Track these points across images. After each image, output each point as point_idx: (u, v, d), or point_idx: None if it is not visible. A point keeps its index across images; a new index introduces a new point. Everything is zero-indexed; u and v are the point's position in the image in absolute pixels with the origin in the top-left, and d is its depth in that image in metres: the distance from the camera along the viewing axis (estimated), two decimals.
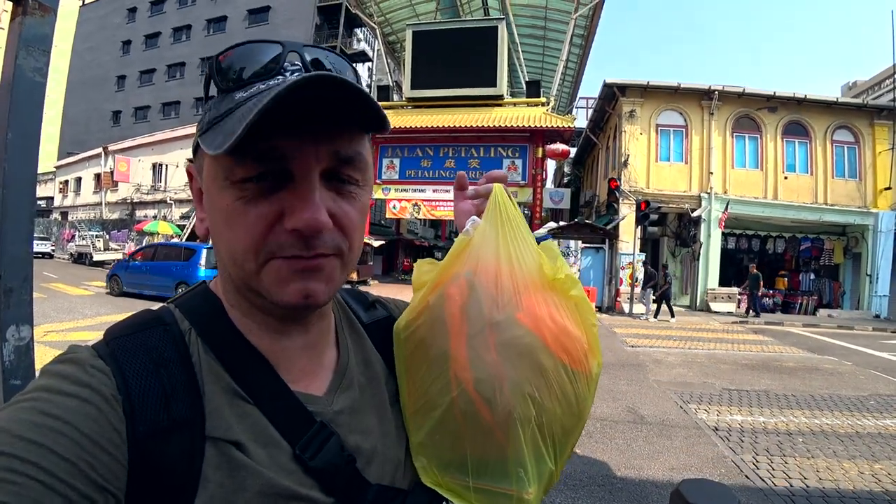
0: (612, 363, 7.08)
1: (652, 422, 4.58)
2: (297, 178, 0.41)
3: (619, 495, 3.14)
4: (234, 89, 0.42)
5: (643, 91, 14.78)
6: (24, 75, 0.81)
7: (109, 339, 0.43)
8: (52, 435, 0.33)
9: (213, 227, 0.45)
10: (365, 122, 0.44)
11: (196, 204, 0.49)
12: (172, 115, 32.01)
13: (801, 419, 4.77)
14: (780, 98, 14.47)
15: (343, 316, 0.59)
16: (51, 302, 9.84)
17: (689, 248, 14.97)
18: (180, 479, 0.38)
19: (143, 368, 0.40)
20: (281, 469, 0.42)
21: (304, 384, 0.48)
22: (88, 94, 35.61)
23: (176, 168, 24.26)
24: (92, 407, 0.36)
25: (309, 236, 0.41)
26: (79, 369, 0.38)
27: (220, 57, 0.44)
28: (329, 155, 0.42)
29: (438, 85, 18.04)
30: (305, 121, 0.40)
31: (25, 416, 0.34)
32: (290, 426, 0.44)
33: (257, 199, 0.41)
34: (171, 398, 0.40)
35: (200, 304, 0.49)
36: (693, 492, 1.34)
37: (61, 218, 32.00)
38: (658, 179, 14.88)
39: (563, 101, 26.43)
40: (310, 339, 0.50)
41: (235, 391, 0.44)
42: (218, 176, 0.42)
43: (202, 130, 0.43)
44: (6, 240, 0.86)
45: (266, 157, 0.40)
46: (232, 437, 0.41)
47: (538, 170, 17.21)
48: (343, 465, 0.46)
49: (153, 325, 0.45)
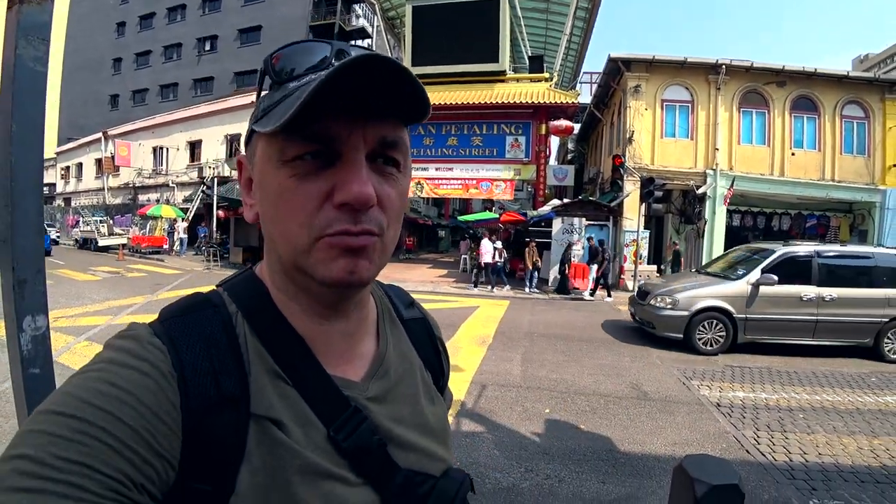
0: (616, 339, 7.15)
1: (655, 398, 4.64)
2: (346, 157, 0.44)
3: (622, 469, 3.21)
4: (287, 81, 0.46)
5: (649, 65, 14.47)
6: (24, 65, 0.80)
7: (164, 319, 0.46)
8: (118, 404, 0.37)
9: (264, 208, 0.47)
10: (408, 107, 0.46)
11: (244, 192, 0.52)
12: (171, 98, 31.68)
13: (802, 395, 4.83)
14: (790, 72, 14.12)
15: (385, 309, 0.62)
16: (59, 288, 9.94)
17: (693, 225, 14.88)
18: (227, 451, 0.41)
19: (195, 348, 0.44)
20: (316, 448, 0.45)
21: (341, 369, 0.51)
22: (85, 78, 35.21)
23: (177, 151, 24.14)
24: (151, 381, 0.40)
25: (357, 210, 0.44)
26: (138, 345, 0.42)
27: (273, 58, 0.47)
28: (375, 138, 0.45)
29: (440, 61, 17.66)
30: (354, 105, 0.43)
31: (94, 384, 0.38)
32: (325, 408, 0.47)
33: (309, 176, 0.44)
34: (220, 375, 0.43)
35: (247, 287, 0.51)
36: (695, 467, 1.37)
37: (64, 204, 32.07)
38: (663, 156, 14.69)
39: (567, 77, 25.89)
40: (349, 326, 0.53)
41: (277, 372, 0.47)
42: (272, 157, 0.45)
43: (257, 118, 0.47)
44: (17, 232, 0.87)
45: (317, 137, 0.43)
46: (273, 416, 0.44)
47: (541, 147, 16.98)
48: (374, 448, 0.48)
49: (204, 307, 0.48)
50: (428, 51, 17.72)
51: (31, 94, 0.85)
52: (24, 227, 0.87)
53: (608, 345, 6.83)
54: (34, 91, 0.84)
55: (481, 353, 6.10)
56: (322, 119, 0.42)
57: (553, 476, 3.10)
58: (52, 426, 0.35)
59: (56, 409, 0.36)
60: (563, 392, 4.75)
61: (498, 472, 3.13)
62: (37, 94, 0.85)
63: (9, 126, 0.80)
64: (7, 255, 0.88)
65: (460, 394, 4.58)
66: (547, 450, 3.48)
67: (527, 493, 2.89)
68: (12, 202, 0.85)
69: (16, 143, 0.83)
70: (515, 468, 3.19)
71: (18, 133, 0.83)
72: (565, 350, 6.46)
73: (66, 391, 0.38)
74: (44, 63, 0.83)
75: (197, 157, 23.60)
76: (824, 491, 3.00)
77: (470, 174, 17.37)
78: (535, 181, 17.08)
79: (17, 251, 0.87)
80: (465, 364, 5.57)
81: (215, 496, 0.40)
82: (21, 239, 0.87)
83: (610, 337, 7.35)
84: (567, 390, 4.80)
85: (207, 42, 31.02)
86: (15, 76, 0.79)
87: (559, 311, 9.85)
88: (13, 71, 0.78)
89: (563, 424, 3.96)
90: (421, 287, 12.50)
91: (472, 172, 17.36)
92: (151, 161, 25.23)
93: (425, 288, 12.48)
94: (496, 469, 3.16)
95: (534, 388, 4.83)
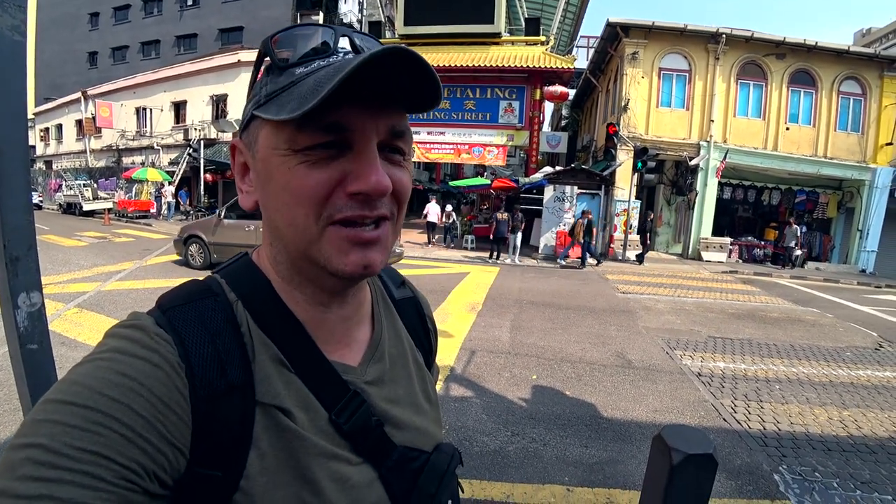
0: (604, 309, 7.30)
1: (639, 367, 4.79)
2: (358, 147, 0.44)
3: (604, 434, 3.35)
4: (293, 66, 0.45)
5: (647, 32, 14.15)
6: (2, 35, 0.77)
7: (166, 309, 0.46)
8: (131, 394, 0.38)
9: (268, 196, 0.47)
10: (424, 101, 0.47)
11: (238, 178, 0.52)
12: (153, 56, 30.28)
13: (780, 367, 5.01)
14: (790, 44, 13.89)
15: (378, 292, 0.63)
16: (45, 254, 9.79)
17: (684, 196, 14.95)
18: (235, 437, 0.43)
19: (200, 338, 0.44)
20: (320, 431, 0.48)
21: (339, 353, 0.53)
22: (60, 34, 33.35)
23: (161, 112, 23.33)
24: (162, 372, 0.40)
25: (374, 199, 0.45)
26: (145, 335, 0.42)
27: (273, 40, 0.46)
28: (386, 128, 0.46)
29: (433, 21, 17.06)
30: (373, 96, 0.44)
31: (105, 374, 0.38)
32: (327, 394, 0.49)
33: (320, 164, 0.44)
34: (226, 365, 0.44)
35: (245, 275, 0.52)
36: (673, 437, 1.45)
37: (45, 167, 31.11)
38: (658, 125, 14.58)
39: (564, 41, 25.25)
40: (346, 312, 0.54)
41: (281, 360, 0.48)
42: (280, 145, 0.44)
43: (259, 104, 0.46)
44: (6, 208, 0.86)
45: (331, 128, 0.43)
46: (279, 404, 0.46)
47: (535, 112, 16.73)
48: (372, 429, 0.51)
49: (205, 296, 0.48)
50: (421, 9, 17.10)
51: (13, 66, 0.82)
52: (12, 204, 0.86)
53: (596, 314, 6.97)
54: (15, 62, 0.81)
55: (471, 320, 6.20)
56: (335, 109, 0.42)
57: (538, 440, 3.23)
58: (66, 416, 0.35)
59: (69, 399, 0.36)
60: (550, 359, 4.88)
61: (485, 435, 3.25)
62: (17, 66, 0.82)
63: None
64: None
65: (450, 359, 4.69)
66: (533, 414, 3.61)
67: (512, 455, 3.02)
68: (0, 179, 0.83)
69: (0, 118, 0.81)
70: (502, 432, 3.31)
71: (1, 108, 0.81)
72: (553, 318, 6.59)
73: (75, 381, 0.38)
74: (22, 32, 0.80)
75: (182, 119, 22.84)
76: (793, 458, 3.17)
77: (462, 139, 17.13)
78: (527, 147, 16.92)
79: (8, 228, 0.87)
80: (455, 330, 5.66)
81: (225, 480, 0.42)
82: (10, 215, 0.87)
83: (598, 306, 7.50)
84: (554, 357, 4.94)
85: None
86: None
87: (548, 278, 9.98)
88: None
89: (550, 390, 4.09)
90: (411, 252, 12.52)
91: (465, 137, 17.12)
92: (135, 122, 24.41)
93: (415, 253, 12.51)
94: (484, 433, 3.28)
95: (522, 355, 4.96)
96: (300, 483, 0.45)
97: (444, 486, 0.56)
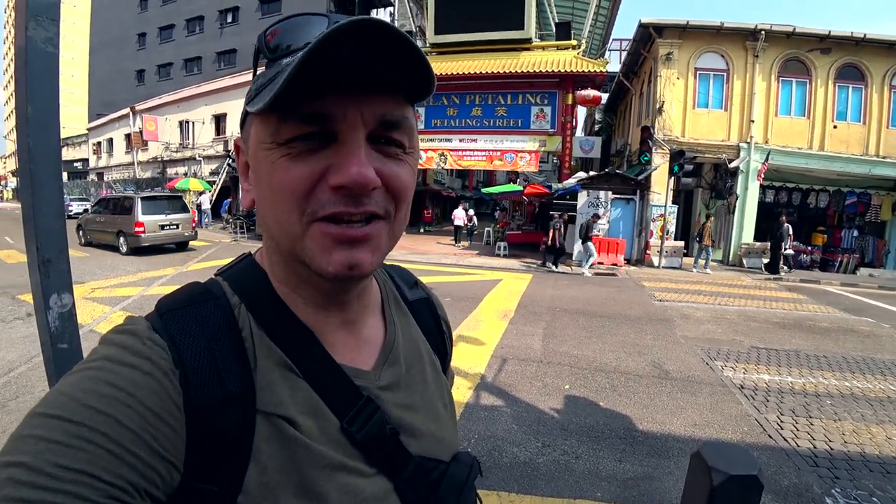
0: (639, 317, 7.06)
1: (677, 377, 4.59)
2: (343, 136, 0.41)
3: (639, 448, 3.21)
4: (280, 56, 0.43)
5: (682, 32, 13.74)
6: (36, 47, 0.80)
7: (163, 312, 0.44)
8: (119, 406, 0.35)
9: (258, 193, 0.45)
10: (410, 80, 0.42)
11: (242, 178, 0.50)
12: (195, 71, 31.80)
13: (831, 381, 4.69)
14: (836, 38, 13.15)
15: (389, 293, 0.60)
16: (95, 260, 10.37)
17: (724, 200, 14.36)
18: (234, 449, 0.40)
19: (196, 343, 0.42)
20: (329, 441, 0.44)
21: (350, 357, 0.50)
22: (111, 54, 35.63)
23: (202, 124, 24.42)
24: (153, 380, 0.38)
25: (358, 194, 0.41)
26: (137, 341, 0.40)
27: (268, 34, 0.44)
28: (374, 118, 0.42)
29: (463, 29, 17.17)
30: (351, 79, 0.40)
31: (92, 385, 0.36)
32: (338, 400, 0.46)
33: (303, 157, 0.41)
34: (223, 372, 0.41)
35: (248, 277, 0.49)
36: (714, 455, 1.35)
37: (97, 178, 33.07)
38: (694, 128, 14.10)
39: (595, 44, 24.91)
40: (349, 316, 0.51)
41: (287, 365, 0.45)
42: (265, 139, 0.42)
43: (250, 98, 0.44)
44: (39, 213, 0.89)
45: (312, 117, 0.40)
46: (283, 413, 0.43)
47: (568, 117, 16.48)
48: (387, 438, 0.48)
49: (204, 299, 0.46)
50: (451, 18, 17.22)
51: (46, 76, 0.85)
52: (45, 209, 0.89)
53: (631, 322, 6.75)
54: (48, 73, 0.84)
55: (503, 327, 6.12)
56: (316, 97, 0.39)
57: (570, 452, 3.13)
58: (48, 431, 0.33)
59: (52, 413, 0.34)
60: (584, 368, 4.74)
61: (515, 446, 3.17)
62: (51, 76, 0.85)
63: (25, 109, 0.81)
64: (31, 236, 0.90)
65: (481, 367, 4.63)
66: (565, 426, 3.50)
67: (543, 468, 2.93)
68: (33, 184, 0.86)
69: (33, 126, 0.84)
70: (533, 443, 3.23)
71: (35, 116, 0.83)
72: (587, 326, 6.42)
73: (62, 391, 0.36)
74: (55, 44, 0.83)
75: (222, 131, 23.87)
76: (848, 480, 2.93)
77: (494, 145, 17.08)
78: (560, 153, 16.66)
79: (40, 232, 0.89)
80: (487, 337, 5.60)
81: (222, 496, 0.39)
82: (43, 220, 0.89)
83: (633, 314, 7.26)
84: (588, 367, 4.79)
85: (229, 14, 30.81)
86: (28, 59, 0.79)
87: (582, 286, 9.76)
88: (25, 54, 0.78)
89: (583, 401, 3.97)
90: (444, 259, 12.55)
91: (497, 144, 17.06)
92: (178, 135, 25.63)
93: (448, 261, 12.52)
94: (514, 443, 3.21)
95: (554, 364, 4.84)
96: (305, 497, 0.42)
97: (462, 498, 0.53)
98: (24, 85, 0.79)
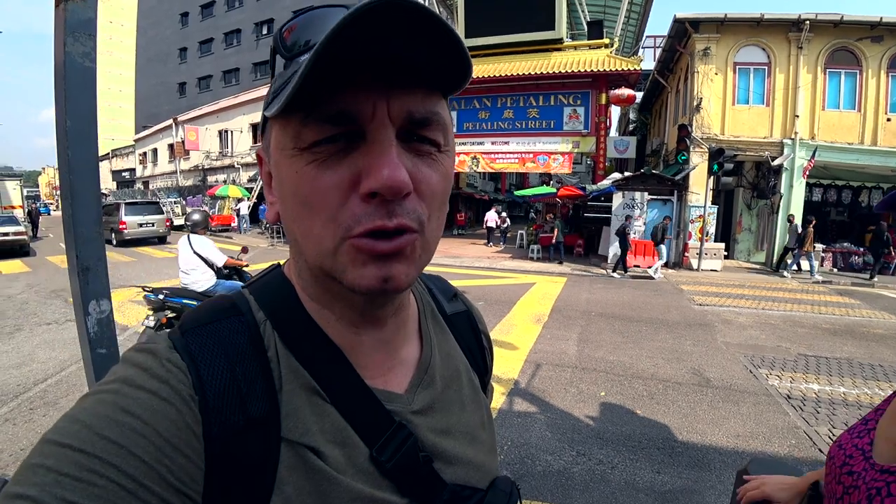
0: (678, 322, 6.81)
1: (718, 385, 4.39)
2: (371, 136, 0.37)
3: (679, 459, 3.08)
4: (298, 54, 0.39)
5: (719, 25, 13.23)
6: (74, 62, 0.83)
7: (186, 330, 0.42)
8: (133, 436, 0.33)
9: (284, 205, 0.41)
10: (443, 67, 0.38)
11: (266, 189, 0.46)
12: (233, 82, 33.11)
13: (888, 392, 4.35)
14: (887, 25, 12.32)
15: (427, 306, 0.57)
16: (141, 265, 10.89)
17: (767, 200, 13.70)
18: (256, 479, 0.38)
19: (218, 365, 0.39)
20: (358, 471, 0.42)
21: (382, 380, 0.47)
22: (155, 68, 37.67)
23: (241, 133, 25.37)
24: (171, 407, 0.36)
25: (390, 201, 0.37)
26: (157, 362, 0.38)
27: (284, 31, 0.41)
28: (402, 114, 0.38)
29: (494, 31, 17.09)
30: (376, 71, 0.36)
31: (107, 411, 0.34)
32: (367, 426, 0.43)
33: (330, 163, 0.37)
34: (246, 397, 0.39)
35: (275, 292, 0.47)
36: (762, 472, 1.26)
37: (143, 187, 34.84)
38: (734, 124, 13.53)
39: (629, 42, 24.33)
40: (384, 335, 0.48)
41: (314, 388, 0.42)
42: (286, 145, 0.39)
43: (267, 102, 0.40)
44: (79, 223, 0.92)
45: (335, 117, 0.36)
46: (309, 442, 0.40)
47: (601, 117, 16.13)
48: (419, 466, 0.45)
49: (228, 316, 0.43)
50: (481, 20, 17.19)
51: (83, 90, 0.88)
52: (83, 218, 0.92)
53: (669, 327, 6.51)
54: (85, 87, 0.87)
55: (536, 332, 6.03)
56: (337, 95, 0.36)
57: (606, 462, 3.03)
58: (59, 462, 0.31)
59: (65, 441, 0.32)
60: (620, 375, 4.60)
61: (549, 454, 3.10)
62: (88, 90, 0.88)
63: (64, 122, 0.84)
64: (71, 245, 0.93)
65: (514, 372, 4.57)
66: (601, 434, 3.40)
67: (577, 477, 2.85)
68: (72, 194, 0.89)
69: (72, 138, 0.87)
70: (567, 451, 3.15)
71: (73, 128, 0.86)
72: (623, 331, 6.24)
73: (76, 417, 0.34)
74: (92, 59, 0.85)
75: (259, 139, 24.60)
76: None
77: (526, 147, 16.90)
78: (594, 154, 16.33)
79: (79, 241, 0.92)
80: (520, 342, 5.52)
81: None
82: (82, 228, 0.92)
83: (672, 318, 7.01)
84: (624, 373, 4.65)
85: (265, 26, 31.92)
86: (66, 73, 0.81)
87: (618, 289, 9.50)
88: (64, 69, 0.81)
89: (619, 409, 3.85)
90: (478, 263, 12.52)
91: (529, 146, 16.88)
92: (217, 144, 26.68)
93: (482, 264, 12.47)
94: (547, 451, 3.13)
95: (589, 370, 4.72)
96: None
97: None
98: (62, 99, 0.83)
